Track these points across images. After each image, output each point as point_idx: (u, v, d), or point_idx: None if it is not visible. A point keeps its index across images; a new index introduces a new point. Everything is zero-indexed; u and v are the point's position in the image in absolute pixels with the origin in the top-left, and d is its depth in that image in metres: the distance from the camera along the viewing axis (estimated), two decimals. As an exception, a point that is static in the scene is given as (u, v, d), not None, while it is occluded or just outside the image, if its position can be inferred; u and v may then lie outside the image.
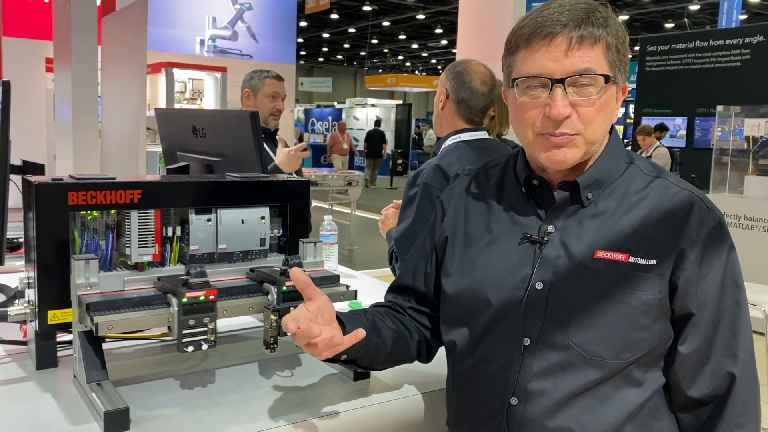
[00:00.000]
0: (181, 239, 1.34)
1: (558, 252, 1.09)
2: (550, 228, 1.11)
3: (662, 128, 9.48)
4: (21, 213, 1.30)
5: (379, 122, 19.35)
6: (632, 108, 12.62)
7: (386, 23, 24.27)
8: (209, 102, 6.25)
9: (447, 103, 2.12)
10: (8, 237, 1.72)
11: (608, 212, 1.09)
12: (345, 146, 17.33)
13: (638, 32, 19.04)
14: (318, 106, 26.47)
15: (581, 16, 1.04)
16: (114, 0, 6.15)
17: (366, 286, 2.00)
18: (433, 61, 34.95)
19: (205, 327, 1.15)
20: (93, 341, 1.17)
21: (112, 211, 1.29)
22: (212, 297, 1.15)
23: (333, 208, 8.28)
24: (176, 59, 6.36)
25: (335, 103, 25.70)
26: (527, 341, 1.07)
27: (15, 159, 1.94)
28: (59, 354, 1.33)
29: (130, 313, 1.15)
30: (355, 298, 1.39)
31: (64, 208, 1.21)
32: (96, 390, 1.12)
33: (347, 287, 1.37)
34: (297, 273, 1.09)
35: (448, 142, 2.12)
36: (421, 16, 22.78)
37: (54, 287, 1.21)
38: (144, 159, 4.55)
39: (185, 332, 1.14)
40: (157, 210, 1.30)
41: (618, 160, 1.14)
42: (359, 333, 1.09)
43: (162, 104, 5.87)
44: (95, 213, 1.27)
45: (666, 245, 1.05)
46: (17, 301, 1.26)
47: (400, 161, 19.55)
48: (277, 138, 2.77)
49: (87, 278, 1.17)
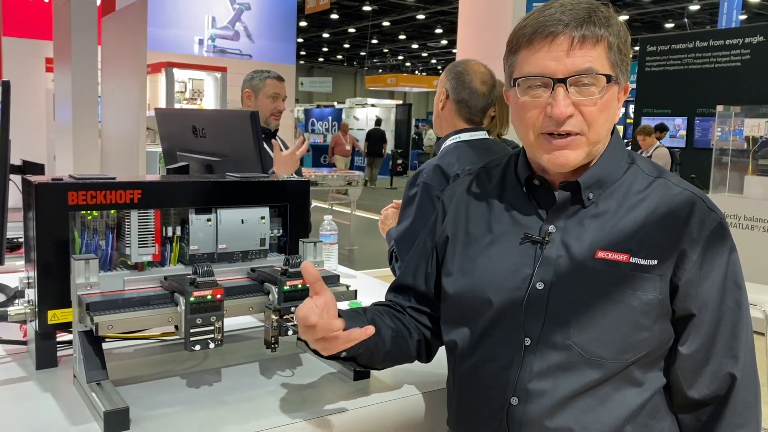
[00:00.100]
0: (181, 239, 1.34)
1: (559, 252, 1.08)
2: (551, 228, 1.11)
3: (662, 128, 9.47)
4: (21, 213, 1.30)
5: (380, 122, 19.31)
6: (632, 108, 12.61)
7: (386, 23, 24.27)
8: (209, 102, 6.26)
9: (447, 103, 2.12)
10: (8, 237, 1.72)
11: (609, 212, 1.09)
12: (348, 147, 17.28)
13: (638, 32, 19.02)
14: (318, 106, 26.46)
15: (583, 16, 1.04)
16: (114, 0, 6.15)
17: (366, 286, 2.00)
18: (433, 61, 34.95)
19: (212, 326, 1.15)
20: (93, 341, 1.17)
21: (112, 211, 1.29)
22: (219, 296, 1.16)
23: (333, 208, 8.28)
24: (175, 59, 6.36)
25: (335, 103, 25.69)
26: (528, 341, 1.07)
27: (15, 159, 1.94)
28: (59, 354, 1.33)
29: (130, 313, 1.15)
30: (355, 298, 1.39)
31: (64, 208, 1.21)
32: (96, 390, 1.12)
33: (347, 287, 1.37)
34: (308, 267, 1.09)
35: (448, 142, 2.12)
36: (421, 16, 22.78)
37: (54, 287, 1.21)
38: (144, 159, 4.55)
39: (192, 331, 1.14)
40: (157, 210, 1.30)
41: (619, 161, 1.14)
42: (369, 329, 1.08)
43: (162, 104, 5.87)
44: (95, 213, 1.27)
45: (667, 246, 1.05)
46: (17, 301, 1.26)
47: (400, 161, 19.54)
48: (273, 142, 2.77)
49: (87, 278, 1.17)
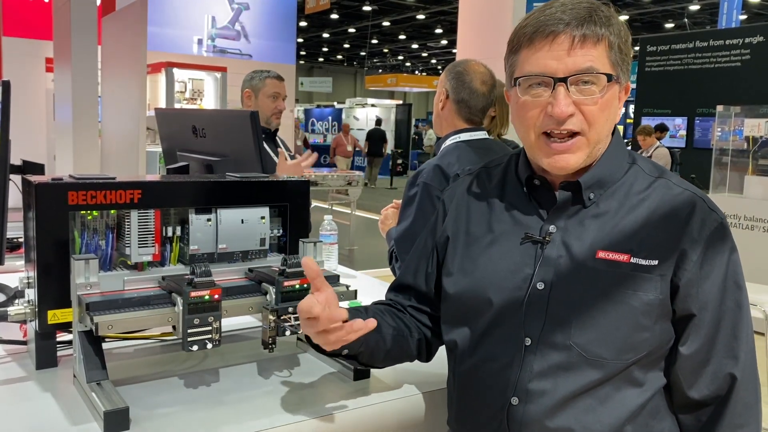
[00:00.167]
0: (181, 239, 1.34)
1: (559, 252, 1.08)
2: (552, 228, 1.11)
3: (662, 128, 9.47)
4: (21, 213, 1.30)
5: (380, 122, 19.31)
6: (632, 108, 12.61)
7: (386, 23, 24.27)
8: (209, 102, 6.26)
9: (447, 103, 2.12)
10: (8, 237, 1.72)
11: (610, 212, 1.09)
12: (349, 148, 17.21)
13: (638, 32, 19.02)
14: (318, 106, 26.47)
15: (584, 15, 1.04)
16: (114, 0, 6.15)
17: (366, 286, 2.00)
18: (433, 61, 34.95)
19: (210, 326, 1.15)
20: (93, 341, 1.17)
21: (112, 211, 1.29)
22: (217, 296, 1.15)
23: (333, 208, 8.28)
24: (174, 59, 6.36)
25: (335, 103, 25.70)
26: (528, 341, 1.07)
27: (15, 159, 1.94)
28: (59, 354, 1.32)
29: (130, 313, 1.15)
30: (355, 298, 1.38)
31: (64, 208, 1.21)
32: (96, 390, 1.12)
33: (347, 287, 1.37)
34: (309, 263, 1.09)
35: (448, 142, 2.12)
36: (421, 16, 22.77)
37: (54, 287, 1.21)
38: (144, 159, 4.55)
39: (190, 331, 1.14)
40: (157, 210, 1.30)
41: (620, 161, 1.13)
42: (371, 322, 1.08)
43: (162, 104, 5.87)
44: (95, 213, 1.27)
45: (668, 246, 1.05)
46: (17, 301, 1.26)
47: (400, 161, 19.53)
48: (279, 151, 2.78)
49: (87, 278, 1.17)
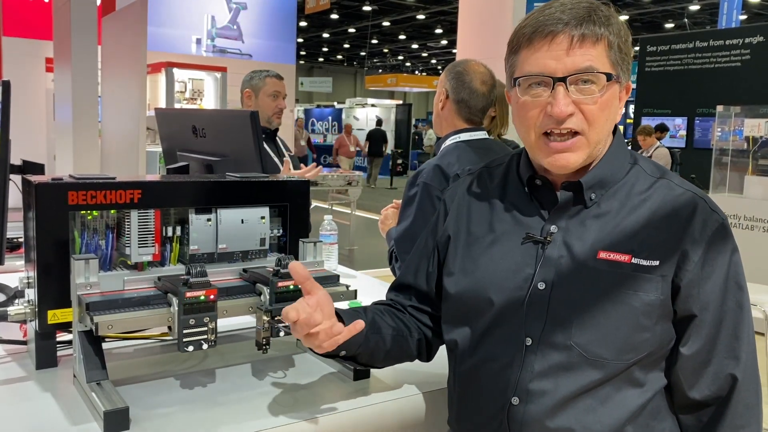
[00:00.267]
0: (181, 239, 1.34)
1: (560, 252, 1.08)
2: (553, 228, 1.11)
3: (663, 128, 9.47)
4: (21, 213, 1.30)
5: (381, 122, 19.33)
6: (632, 108, 12.60)
7: (386, 23, 24.27)
8: (209, 102, 6.26)
9: (447, 103, 2.12)
10: (8, 237, 1.72)
11: (611, 213, 1.09)
12: (352, 149, 17.10)
13: (638, 32, 19.02)
14: (318, 106, 26.48)
15: (583, 15, 1.04)
16: (114, 0, 6.15)
17: (366, 286, 1.99)
18: (433, 61, 34.95)
19: (206, 327, 1.15)
20: (93, 341, 1.17)
21: (112, 211, 1.28)
22: (212, 297, 1.15)
23: (333, 208, 8.27)
24: (173, 59, 6.36)
25: (335, 103, 25.71)
26: (529, 341, 1.07)
27: (15, 159, 1.94)
28: (59, 354, 1.32)
29: (130, 313, 1.15)
30: (355, 298, 1.38)
31: (64, 208, 1.21)
32: (96, 390, 1.12)
33: (347, 287, 1.37)
34: (296, 267, 1.09)
35: (448, 142, 2.11)
36: (421, 16, 22.78)
37: (54, 287, 1.21)
38: (144, 159, 4.55)
39: (185, 332, 1.13)
40: (157, 210, 1.30)
41: (622, 161, 1.13)
42: (358, 324, 1.09)
43: (162, 104, 5.87)
44: (95, 213, 1.26)
45: (669, 246, 1.05)
46: (17, 301, 1.26)
47: (400, 161, 19.53)
48: (284, 160, 2.79)
49: (87, 278, 1.16)
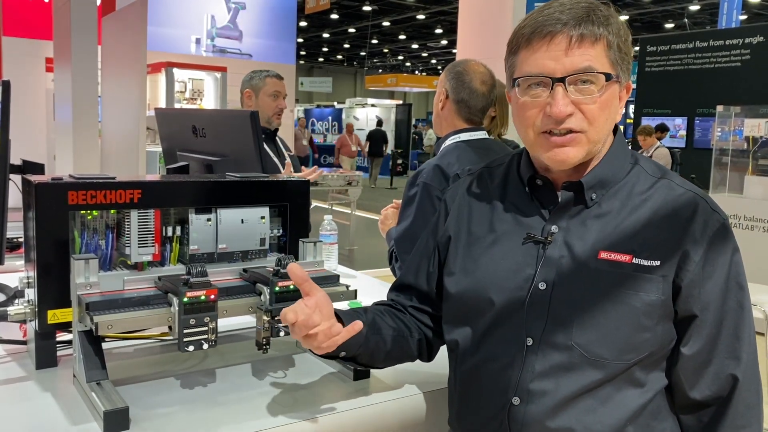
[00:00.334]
0: (181, 239, 1.34)
1: (561, 252, 1.08)
2: (554, 228, 1.10)
3: (663, 129, 9.46)
4: (21, 213, 1.30)
5: (381, 122, 19.34)
6: (632, 108, 12.60)
7: (386, 23, 24.27)
8: (209, 102, 6.26)
9: (447, 103, 2.12)
10: (8, 237, 1.72)
11: (612, 213, 1.09)
12: (354, 148, 17.00)
13: (638, 32, 19.02)
14: (318, 106, 26.48)
15: (582, 15, 1.04)
16: (114, 0, 6.15)
17: (366, 286, 1.99)
18: (433, 61, 34.96)
19: (206, 326, 1.15)
20: (93, 341, 1.17)
21: (112, 211, 1.28)
22: (213, 296, 1.15)
23: (333, 208, 8.27)
24: (172, 58, 6.36)
25: (335, 103, 25.71)
26: (530, 341, 1.07)
27: (15, 159, 1.94)
28: (59, 353, 1.32)
29: (130, 313, 1.15)
30: (355, 298, 1.38)
31: (64, 208, 1.21)
32: (96, 389, 1.12)
33: (347, 287, 1.37)
34: (294, 268, 1.09)
35: (448, 142, 2.11)
36: (421, 16, 22.78)
37: (54, 287, 1.21)
38: (144, 159, 4.55)
39: (186, 332, 1.13)
40: (157, 210, 1.30)
41: (623, 161, 1.13)
42: (356, 325, 1.09)
43: (162, 104, 5.87)
44: (95, 213, 1.26)
45: (670, 246, 1.05)
46: (17, 301, 1.25)
47: (400, 161, 19.53)
48: (286, 163, 2.79)
49: (87, 278, 1.16)
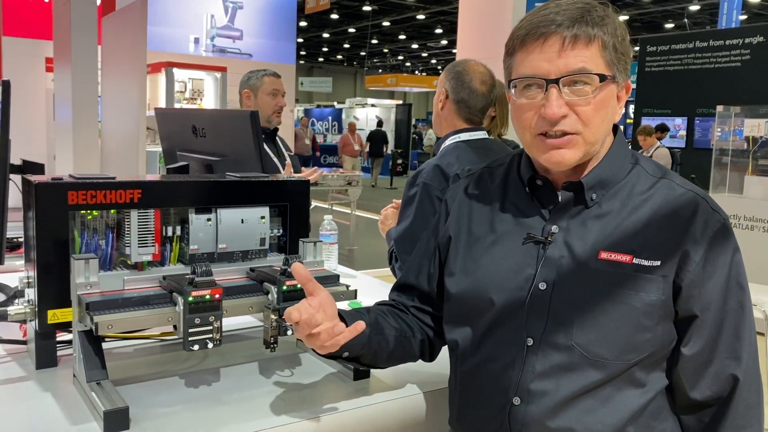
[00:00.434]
0: (181, 239, 1.34)
1: (561, 252, 1.08)
2: (554, 228, 1.10)
3: (663, 129, 9.46)
4: (21, 212, 1.30)
5: (381, 123, 19.34)
6: (632, 108, 12.60)
7: (386, 23, 24.27)
8: (209, 102, 6.26)
9: (446, 103, 2.12)
10: (8, 236, 1.72)
11: (612, 213, 1.09)
12: (356, 147, 16.87)
13: (638, 32, 19.03)
14: (318, 106, 26.48)
15: (576, 16, 1.04)
16: (114, 0, 6.15)
17: (366, 286, 2.00)
18: (433, 61, 34.95)
19: (211, 326, 1.15)
20: (93, 341, 1.17)
21: (112, 211, 1.28)
22: (218, 296, 1.15)
23: (333, 208, 8.27)
24: (171, 58, 6.35)
25: (335, 103, 25.72)
26: (530, 341, 1.07)
27: (15, 159, 1.94)
28: (59, 353, 1.32)
29: (130, 313, 1.15)
30: (355, 298, 1.38)
31: (64, 208, 1.21)
32: (96, 389, 1.12)
33: (347, 287, 1.37)
34: (298, 268, 1.10)
35: (448, 142, 2.11)
36: (421, 16, 22.78)
37: (54, 287, 1.21)
38: (144, 159, 4.55)
39: (191, 331, 1.14)
40: (157, 210, 1.30)
41: (623, 161, 1.13)
42: (359, 325, 1.09)
43: (162, 104, 5.87)
44: (95, 212, 1.26)
45: (670, 246, 1.05)
46: (17, 301, 1.25)
47: (400, 161, 19.54)
48: (286, 164, 2.78)
49: (87, 278, 1.16)
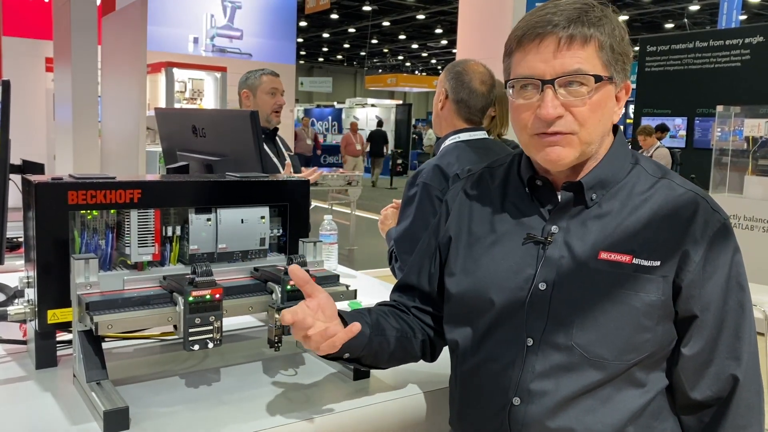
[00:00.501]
0: (181, 239, 1.34)
1: (561, 252, 1.08)
2: (554, 228, 1.10)
3: (663, 129, 9.46)
4: (21, 212, 1.30)
5: (382, 123, 19.34)
6: (632, 108, 12.60)
7: (386, 23, 24.28)
8: (209, 102, 6.26)
9: (446, 103, 2.12)
10: (8, 236, 1.72)
11: (612, 213, 1.09)
12: (358, 147, 16.77)
13: (638, 32, 19.04)
14: (318, 106, 26.48)
15: (573, 16, 1.04)
16: (114, 0, 6.15)
17: (366, 286, 2.00)
18: (433, 61, 34.96)
19: (211, 326, 1.15)
20: (93, 340, 1.17)
21: (112, 211, 1.28)
22: (218, 296, 1.15)
23: (333, 208, 8.27)
24: (171, 58, 6.36)
25: (335, 103, 25.71)
26: (530, 341, 1.07)
27: (15, 159, 1.94)
28: (59, 353, 1.32)
29: (130, 313, 1.15)
30: (355, 298, 1.38)
31: (64, 208, 1.21)
32: (96, 389, 1.12)
33: (347, 287, 1.37)
34: (296, 270, 1.10)
35: (448, 142, 2.11)
36: (421, 16, 22.78)
37: (54, 287, 1.21)
38: (144, 159, 4.55)
39: (191, 331, 1.14)
40: (157, 209, 1.30)
41: (623, 161, 1.13)
42: (354, 327, 1.08)
43: (162, 104, 5.87)
44: (95, 212, 1.26)
45: (670, 246, 1.05)
46: (17, 301, 1.25)
47: (400, 161, 19.54)
48: (286, 164, 2.78)
49: (87, 278, 1.16)
